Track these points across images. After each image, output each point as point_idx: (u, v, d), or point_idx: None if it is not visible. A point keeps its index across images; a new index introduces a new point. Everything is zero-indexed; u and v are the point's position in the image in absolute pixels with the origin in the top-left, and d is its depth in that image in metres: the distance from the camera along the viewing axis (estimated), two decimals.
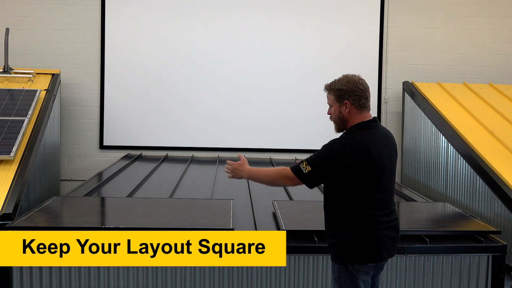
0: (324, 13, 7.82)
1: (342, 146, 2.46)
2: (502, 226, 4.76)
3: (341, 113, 2.56)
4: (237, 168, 2.76)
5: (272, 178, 2.60)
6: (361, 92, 2.50)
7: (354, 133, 2.52)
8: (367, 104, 2.54)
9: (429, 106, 6.71)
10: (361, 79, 2.55)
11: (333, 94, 2.57)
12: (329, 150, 2.46)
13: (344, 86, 2.51)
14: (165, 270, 3.50)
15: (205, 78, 7.73)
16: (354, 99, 2.49)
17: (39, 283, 3.45)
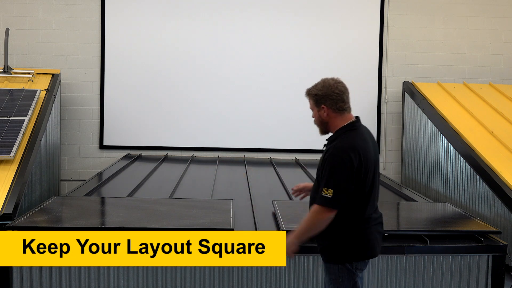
0: (324, 13, 7.82)
1: (345, 152, 2.48)
2: (502, 226, 4.76)
3: (320, 117, 2.63)
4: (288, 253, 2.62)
5: (311, 224, 2.52)
6: (337, 96, 2.56)
7: (346, 136, 2.57)
8: (346, 106, 2.60)
9: (429, 106, 6.71)
10: (337, 82, 2.61)
11: (311, 99, 2.66)
12: (343, 161, 2.45)
13: (319, 91, 2.59)
14: (165, 270, 3.50)
15: (205, 78, 7.73)
16: (330, 103, 2.56)
17: (39, 283, 3.45)
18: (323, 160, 2.60)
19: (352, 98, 6.79)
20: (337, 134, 2.60)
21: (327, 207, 2.45)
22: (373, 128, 7.88)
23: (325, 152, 2.62)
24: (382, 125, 7.90)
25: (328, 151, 2.55)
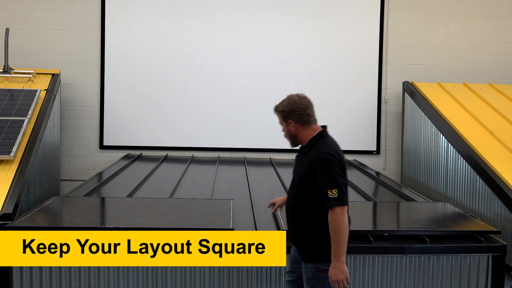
0: (324, 13, 7.82)
1: (333, 152, 2.66)
2: (502, 226, 4.76)
3: (289, 131, 2.80)
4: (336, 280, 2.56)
5: (340, 230, 2.57)
6: (302, 111, 2.72)
7: (321, 142, 2.74)
8: (311, 119, 2.76)
9: (429, 106, 6.71)
10: (302, 98, 2.75)
11: (279, 115, 2.82)
12: (333, 162, 2.61)
13: (285, 108, 2.75)
14: (165, 270, 3.50)
15: (205, 78, 7.74)
16: (297, 117, 2.73)
17: (39, 283, 3.45)
18: (309, 168, 2.66)
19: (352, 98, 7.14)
20: (311, 143, 2.74)
21: (341, 206, 2.56)
22: (373, 128, 7.88)
23: (305, 161, 2.71)
24: (382, 125, 7.90)
25: (313, 158, 2.65)
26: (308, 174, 2.65)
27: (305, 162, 2.70)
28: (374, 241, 3.57)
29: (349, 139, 7.79)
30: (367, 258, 3.56)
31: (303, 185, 2.70)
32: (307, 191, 2.69)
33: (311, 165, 2.64)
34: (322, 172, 2.59)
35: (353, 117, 7.81)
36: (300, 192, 2.72)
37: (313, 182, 2.63)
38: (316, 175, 2.60)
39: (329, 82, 7.82)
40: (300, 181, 2.73)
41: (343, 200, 2.56)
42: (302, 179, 2.70)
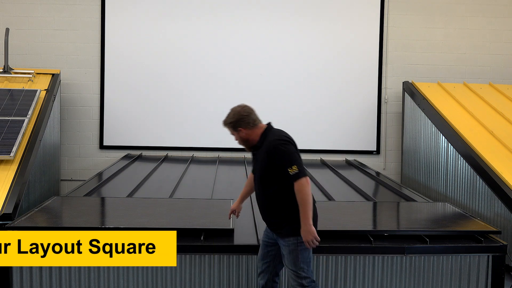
0: (324, 13, 7.82)
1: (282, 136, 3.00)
2: (502, 226, 4.76)
3: (241, 137, 3.11)
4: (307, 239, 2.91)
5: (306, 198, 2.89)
6: (247, 117, 3.07)
7: (270, 133, 3.06)
8: (257, 121, 3.11)
9: (429, 106, 6.71)
10: (243, 107, 3.12)
11: (229, 128, 3.12)
12: (287, 145, 2.95)
13: (232, 119, 3.08)
14: (165, 271, 3.50)
15: (205, 78, 7.74)
16: (244, 124, 3.06)
17: (39, 283, 3.45)
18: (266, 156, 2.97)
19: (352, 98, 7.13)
20: (262, 138, 3.07)
21: (303, 177, 2.89)
22: (373, 128, 7.88)
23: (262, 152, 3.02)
24: (382, 125, 7.90)
25: (268, 147, 2.97)
26: (268, 162, 2.96)
27: (262, 155, 3.02)
28: (374, 241, 3.57)
29: (349, 139, 7.79)
30: (367, 258, 3.56)
31: (266, 175, 3.01)
32: (271, 178, 2.99)
33: (268, 153, 2.96)
34: (278, 155, 2.92)
35: (353, 117, 7.81)
36: (265, 181, 3.03)
37: (274, 166, 2.94)
38: (275, 159, 2.93)
39: (329, 82, 7.81)
40: (263, 172, 3.03)
41: (303, 172, 2.91)
42: (264, 169, 3.01)
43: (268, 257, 3.21)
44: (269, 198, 3.05)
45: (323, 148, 7.73)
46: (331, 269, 3.56)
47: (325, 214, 4.17)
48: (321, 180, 5.80)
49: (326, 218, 4.02)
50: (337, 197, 4.95)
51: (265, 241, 3.22)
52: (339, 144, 7.79)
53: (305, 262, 2.99)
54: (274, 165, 2.94)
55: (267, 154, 2.96)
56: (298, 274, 2.98)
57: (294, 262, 2.98)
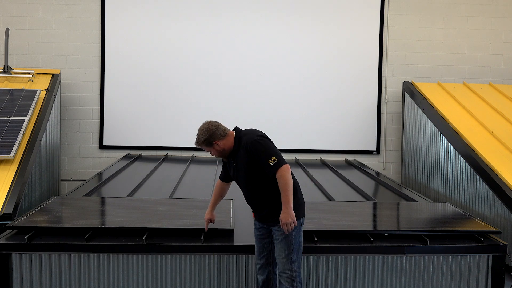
0: (324, 14, 7.82)
1: (256, 135, 3.14)
2: (502, 226, 4.76)
3: (218, 150, 3.20)
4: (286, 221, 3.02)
5: (288, 184, 3.02)
6: (217, 130, 3.17)
7: (243, 134, 3.18)
8: (226, 131, 3.21)
9: (429, 106, 6.71)
10: (209, 122, 3.21)
11: (204, 145, 3.21)
12: (263, 140, 3.11)
13: (204, 136, 3.17)
14: (165, 271, 3.50)
15: (205, 77, 7.74)
16: (217, 137, 3.17)
17: (39, 283, 3.45)
18: (247, 154, 3.09)
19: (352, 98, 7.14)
20: (236, 142, 3.18)
21: (283, 165, 3.04)
22: (373, 128, 7.88)
23: (241, 153, 3.12)
24: (382, 125, 7.90)
25: (245, 147, 3.09)
26: (249, 159, 3.09)
27: (241, 156, 3.13)
28: (374, 241, 3.57)
29: (349, 139, 7.79)
30: (367, 258, 3.56)
31: (250, 172, 3.13)
32: (255, 174, 3.11)
33: (247, 152, 3.08)
34: (257, 150, 3.06)
35: (353, 117, 7.81)
36: (251, 179, 3.15)
37: (255, 162, 3.07)
38: (255, 155, 3.06)
39: (329, 82, 7.81)
40: (247, 171, 3.14)
41: (282, 161, 3.05)
42: (247, 168, 3.12)
43: (265, 250, 3.28)
44: (258, 194, 3.17)
45: (323, 148, 7.73)
46: (331, 269, 3.56)
47: (325, 214, 4.17)
48: (321, 180, 5.80)
49: (326, 218, 4.02)
50: (337, 197, 4.95)
51: (258, 235, 3.30)
52: (339, 144, 7.79)
53: (296, 247, 3.13)
54: (255, 161, 3.07)
55: (247, 153, 3.09)
56: (289, 258, 3.10)
57: (288, 246, 3.09)
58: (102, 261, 3.45)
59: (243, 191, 3.30)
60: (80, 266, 3.44)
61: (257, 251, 3.32)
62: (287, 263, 3.10)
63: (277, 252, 3.15)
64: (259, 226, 3.28)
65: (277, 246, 3.14)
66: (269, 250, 3.28)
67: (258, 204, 3.21)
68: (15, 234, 3.57)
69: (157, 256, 3.47)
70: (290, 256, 3.10)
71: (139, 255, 3.46)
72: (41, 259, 3.42)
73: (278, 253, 3.14)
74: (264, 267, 3.30)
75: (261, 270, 3.31)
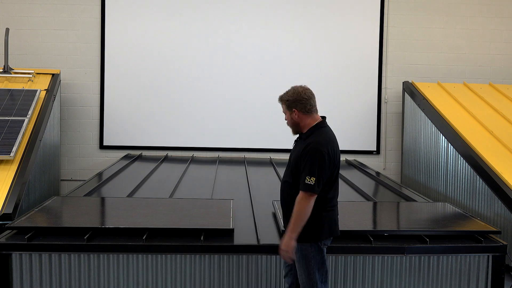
0: (323, 13, 7.82)
1: (328, 144, 2.91)
2: (502, 226, 4.76)
3: (292, 119, 3.05)
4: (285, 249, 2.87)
5: (302, 211, 2.84)
6: (306, 100, 3.00)
7: (319, 132, 2.97)
8: (314, 109, 3.03)
9: (429, 106, 6.71)
10: (305, 89, 3.06)
11: (283, 104, 3.09)
12: (323, 156, 2.85)
13: (290, 97, 3.03)
14: (165, 271, 3.50)
15: (205, 78, 7.73)
16: (301, 106, 2.99)
17: (39, 283, 3.45)
18: (302, 152, 2.90)
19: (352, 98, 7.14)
20: (310, 131, 2.99)
21: (311, 192, 2.82)
22: (373, 128, 7.88)
23: (301, 145, 2.95)
24: (382, 125, 7.90)
25: (307, 145, 2.89)
26: (300, 158, 2.90)
27: (301, 147, 2.94)
28: (374, 241, 3.57)
29: (349, 139, 7.79)
30: (367, 258, 3.56)
31: (295, 167, 2.95)
32: (297, 173, 2.93)
33: (304, 150, 2.88)
34: (310, 160, 2.84)
35: (353, 117, 7.81)
36: (292, 172, 2.97)
37: (300, 166, 2.89)
38: (305, 160, 2.85)
39: (328, 82, 7.81)
40: (294, 164, 2.97)
41: (316, 189, 2.82)
42: (295, 162, 2.95)
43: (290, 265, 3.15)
44: (292, 191, 2.95)
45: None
46: (331, 269, 3.56)
47: None
48: None
49: None
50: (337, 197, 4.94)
51: None
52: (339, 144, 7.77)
53: (318, 266, 2.93)
54: (302, 164, 2.88)
55: (304, 151, 2.88)
56: (310, 279, 2.92)
57: (307, 266, 2.93)
58: (102, 261, 3.45)
59: (281, 185, 3.15)
60: (80, 266, 3.44)
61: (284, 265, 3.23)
62: (308, 285, 2.94)
63: (298, 271, 3.00)
64: None
65: (297, 265, 3.00)
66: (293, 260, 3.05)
67: (286, 206, 3.03)
68: (15, 234, 3.57)
69: (157, 256, 3.47)
70: (311, 277, 2.92)
71: (139, 255, 3.46)
72: (41, 259, 3.42)
73: (299, 273, 2.99)
74: (288, 276, 3.20)
75: (286, 279, 3.22)
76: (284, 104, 3.07)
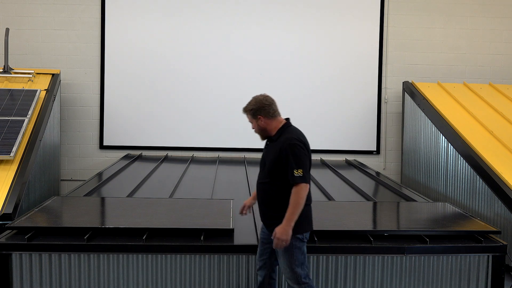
0: (324, 14, 7.82)
1: (300, 138, 3.08)
2: (502, 226, 4.76)
3: (259, 126, 3.19)
4: (280, 237, 2.97)
5: (298, 202, 2.96)
6: (268, 106, 3.17)
7: (288, 130, 3.15)
8: (276, 113, 3.22)
9: (429, 106, 6.71)
10: (265, 96, 3.22)
11: (248, 114, 3.21)
12: (301, 148, 3.03)
13: (254, 106, 3.17)
14: (165, 271, 3.50)
15: (205, 77, 7.74)
16: (265, 112, 3.16)
17: (39, 283, 3.45)
18: (279, 151, 3.04)
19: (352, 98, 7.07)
20: (279, 132, 3.16)
21: (304, 183, 2.97)
22: (373, 128, 7.88)
23: (275, 146, 3.09)
24: (382, 125, 7.90)
25: (283, 143, 3.04)
26: (278, 157, 3.03)
27: (275, 148, 3.09)
28: (374, 241, 3.57)
29: (349, 139, 7.79)
30: (367, 258, 3.56)
31: (273, 168, 3.07)
32: (277, 172, 3.06)
33: (281, 150, 3.02)
34: (290, 155, 2.99)
35: (353, 117, 7.81)
36: (272, 174, 3.09)
37: (283, 163, 3.01)
38: (286, 157, 3.00)
39: (328, 82, 7.81)
40: (271, 165, 3.09)
41: (306, 178, 2.99)
42: (273, 163, 3.07)
43: (265, 254, 3.27)
44: (272, 190, 3.10)
45: (323, 148, 7.73)
46: (331, 269, 3.56)
47: (325, 214, 4.17)
48: (321, 180, 5.80)
49: (326, 218, 4.02)
50: (337, 197, 4.95)
51: (262, 238, 3.29)
52: (339, 144, 7.79)
53: (300, 260, 3.06)
54: (282, 163, 3.01)
55: (280, 150, 3.02)
56: (294, 272, 3.05)
57: (289, 260, 3.04)
58: (102, 261, 3.45)
59: (258, 180, 3.26)
60: (80, 266, 3.44)
61: (258, 252, 3.33)
62: (293, 277, 3.07)
63: (282, 265, 3.12)
64: (264, 230, 3.26)
65: (280, 259, 3.12)
66: (268, 255, 3.25)
67: (269, 201, 3.15)
68: (15, 234, 3.57)
69: (157, 256, 3.47)
70: (295, 270, 3.05)
71: (139, 255, 3.46)
72: (41, 259, 3.42)
73: (283, 267, 3.10)
74: (262, 269, 3.30)
75: (260, 272, 3.32)
76: (249, 114, 3.20)
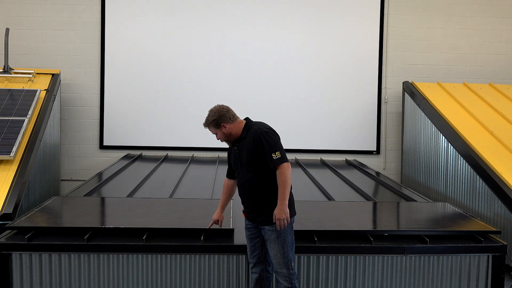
0: (324, 14, 7.82)
1: (267, 126, 3.29)
2: (502, 226, 4.76)
3: (224, 133, 3.34)
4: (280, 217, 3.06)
5: (287, 181, 3.10)
6: (226, 112, 3.35)
7: (255, 123, 3.32)
8: (236, 116, 3.37)
9: (429, 106, 6.71)
10: (220, 105, 3.42)
11: (211, 126, 3.38)
12: (273, 134, 3.24)
13: (214, 116, 3.36)
14: (165, 271, 3.50)
15: (205, 77, 7.74)
16: (226, 119, 3.33)
17: (39, 283, 3.45)
18: (253, 143, 3.17)
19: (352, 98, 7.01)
20: (246, 129, 3.30)
21: (286, 162, 3.13)
22: (373, 128, 7.88)
23: (247, 141, 3.22)
24: (382, 125, 7.90)
25: (254, 135, 3.18)
26: (255, 149, 3.16)
27: (247, 143, 3.22)
28: (374, 241, 3.57)
29: (349, 139, 7.79)
30: (367, 258, 3.56)
31: (252, 160, 3.18)
32: (257, 164, 3.17)
33: (255, 140, 3.17)
34: (265, 142, 3.15)
35: (353, 117, 7.81)
36: (253, 167, 3.19)
37: (259, 152, 3.15)
38: (261, 145, 3.14)
39: (329, 82, 7.81)
40: (250, 159, 3.19)
41: (285, 158, 3.15)
42: (251, 156, 3.18)
43: (256, 249, 3.30)
44: (257, 184, 3.19)
45: (323, 148, 7.73)
46: (331, 269, 3.56)
47: (325, 214, 4.17)
48: (321, 180, 5.80)
49: (326, 218, 4.02)
50: (337, 197, 4.95)
51: (249, 235, 3.32)
52: (339, 144, 7.79)
53: (290, 245, 3.17)
54: (259, 151, 3.15)
55: (254, 142, 3.16)
56: (285, 257, 3.12)
57: (282, 245, 3.12)
58: (102, 261, 3.45)
59: (238, 184, 3.33)
60: (80, 266, 3.44)
61: (249, 250, 3.34)
62: (283, 262, 3.13)
63: (272, 252, 3.16)
64: (250, 226, 3.30)
65: (271, 246, 3.16)
66: (260, 249, 3.30)
67: (255, 195, 3.21)
68: (15, 234, 3.57)
69: (157, 256, 3.47)
70: (286, 255, 3.13)
71: (139, 255, 3.46)
72: (41, 259, 3.42)
73: (274, 254, 3.15)
74: (257, 265, 3.32)
75: (254, 269, 3.33)
76: (212, 126, 3.37)
